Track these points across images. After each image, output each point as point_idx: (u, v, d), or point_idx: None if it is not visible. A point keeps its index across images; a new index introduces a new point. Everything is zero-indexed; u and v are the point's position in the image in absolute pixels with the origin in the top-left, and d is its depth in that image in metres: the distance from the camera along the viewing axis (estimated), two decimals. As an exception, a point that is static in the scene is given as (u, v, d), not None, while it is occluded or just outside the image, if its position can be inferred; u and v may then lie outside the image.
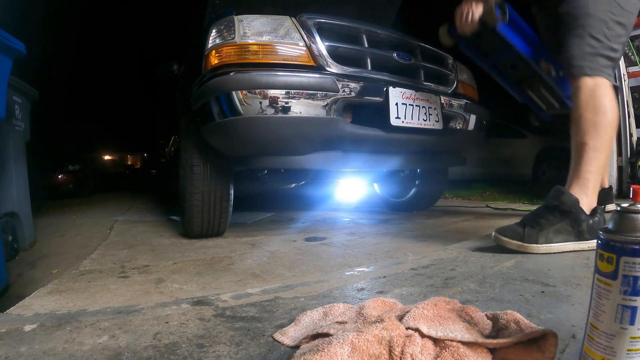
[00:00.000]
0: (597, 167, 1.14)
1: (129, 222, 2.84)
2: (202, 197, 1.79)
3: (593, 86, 1.18)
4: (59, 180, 8.22)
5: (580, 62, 1.20)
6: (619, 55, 1.25)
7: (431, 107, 1.84)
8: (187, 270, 1.35)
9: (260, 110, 1.50)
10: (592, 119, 1.15)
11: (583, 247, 1.09)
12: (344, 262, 1.41)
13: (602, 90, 1.17)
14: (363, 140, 1.70)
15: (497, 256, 1.10)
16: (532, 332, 0.49)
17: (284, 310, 0.74)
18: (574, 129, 1.20)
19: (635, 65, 2.84)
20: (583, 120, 1.17)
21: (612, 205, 1.74)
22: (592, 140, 1.14)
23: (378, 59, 1.78)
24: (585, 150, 1.15)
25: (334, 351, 0.47)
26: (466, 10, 1.40)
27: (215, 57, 1.58)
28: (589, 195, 1.13)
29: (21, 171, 1.91)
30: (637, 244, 0.40)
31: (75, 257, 1.66)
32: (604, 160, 1.16)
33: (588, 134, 1.15)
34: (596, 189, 1.16)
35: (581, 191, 1.14)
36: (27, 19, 5.34)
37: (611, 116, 1.16)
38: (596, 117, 1.15)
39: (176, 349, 0.58)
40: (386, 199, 3.14)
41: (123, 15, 22.13)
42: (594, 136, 1.14)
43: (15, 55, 1.45)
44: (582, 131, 1.16)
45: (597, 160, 1.14)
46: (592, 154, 1.14)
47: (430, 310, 0.58)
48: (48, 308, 0.98)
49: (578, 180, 1.15)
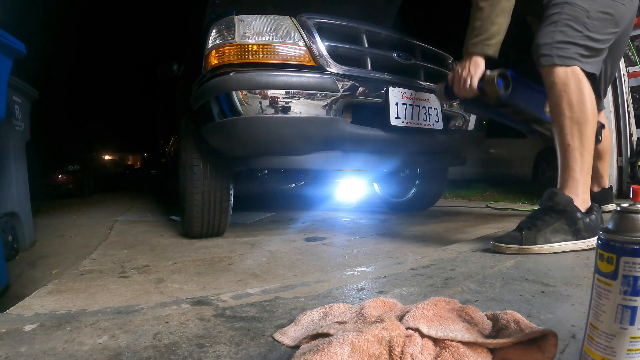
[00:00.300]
0: (583, 165, 1.13)
1: (129, 222, 2.84)
2: (202, 197, 1.79)
3: (565, 78, 1.15)
4: (59, 180, 8.22)
5: (549, 51, 1.17)
6: (603, 46, 1.21)
7: (431, 107, 1.84)
8: (187, 270, 1.35)
9: (260, 110, 1.50)
10: (570, 116, 1.13)
11: (583, 247, 1.08)
12: (344, 262, 1.41)
13: (576, 83, 1.14)
14: (363, 140, 1.70)
15: (497, 256, 1.10)
16: (532, 332, 0.49)
17: (284, 310, 0.74)
18: (554, 129, 1.19)
19: (635, 65, 2.84)
20: (562, 120, 1.15)
21: (612, 205, 1.74)
22: (574, 140, 1.13)
23: (378, 59, 1.78)
24: (569, 152, 1.14)
25: (334, 351, 0.47)
26: (464, 75, 1.32)
27: (215, 57, 1.58)
28: (579, 194, 1.13)
29: (21, 171, 1.91)
30: (637, 244, 0.40)
31: (75, 257, 1.66)
32: (589, 158, 1.15)
33: (569, 134, 1.14)
34: (587, 186, 1.15)
35: (572, 191, 1.13)
36: (27, 19, 5.34)
37: (590, 111, 1.13)
38: (575, 115, 1.13)
39: (176, 349, 0.58)
40: (386, 199, 3.14)
41: (123, 15, 22.15)
42: (575, 136, 1.13)
43: (15, 55, 1.45)
44: (563, 131, 1.15)
45: (582, 159, 1.13)
46: (576, 154, 1.13)
47: (430, 310, 0.58)
48: (48, 308, 0.98)
49: (567, 181, 1.15)
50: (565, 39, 1.16)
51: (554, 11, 1.20)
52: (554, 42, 1.17)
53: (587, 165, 1.14)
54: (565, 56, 1.16)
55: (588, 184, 1.16)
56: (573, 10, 1.16)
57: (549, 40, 1.18)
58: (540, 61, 1.20)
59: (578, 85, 1.14)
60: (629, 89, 2.85)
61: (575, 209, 1.10)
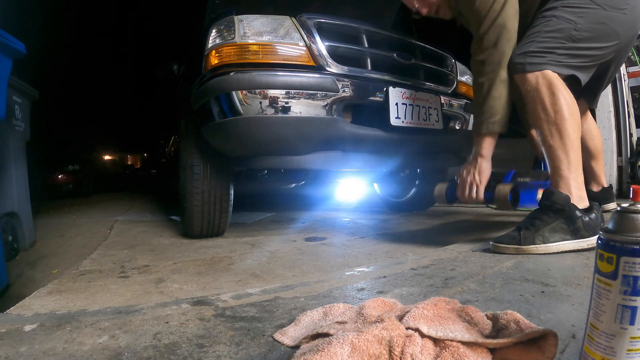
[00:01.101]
0: (570, 162, 1.14)
1: (129, 222, 2.84)
2: (202, 197, 1.79)
3: (536, 84, 1.15)
4: (59, 180, 8.21)
5: (522, 59, 1.18)
6: (599, 53, 1.21)
7: (431, 107, 1.84)
8: (187, 270, 1.35)
9: (260, 110, 1.50)
10: (546, 119, 1.14)
11: (582, 246, 1.08)
12: (344, 262, 1.41)
13: (547, 86, 1.14)
14: (363, 140, 1.70)
15: (497, 256, 1.10)
16: (532, 332, 0.49)
17: (284, 310, 0.74)
18: (538, 134, 1.19)
19: (635, 65, 2.84)
20: (541, 123, 1.16)
21: (613, 204, 1.74)
22: (555, 141, 1.14)
23: (378, 59, 1.78)
24: (553, 152, 1.15)
25: (334, 351, 0.47)
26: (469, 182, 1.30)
27: (215, 57, 1.58)
28: (572, 191, 1.13)
29: (21, 171, 1.91)
30: (637, 244, 0.40)
31: (75, 257, 1.66)
32: (576, 155, 1.15)
33: (550, 136, 1.15)
34: (580, 183, 1.15)
35: (565, 189, 1.13)
36: (27, 19, 5.34)
37: (566, 109, 1.13)
38: (551, 116, 1.14)
39: (176, 349, 0.58)
40: (386, 199, 3.14)
41: (123, 15, 22.15)
42: (556, 135, 1.14)
43: (15, 55, 1.45)
44: (544, 133, 1.16)
45: (568, 157, 1.14)
46: (560, 153, 1.14)
47: (430, 310, 0.58)
48: (48, 308, 0.98)
49: (558, 181, 1.15)
50: (540, 49, 1.17)
51: (537, 23, 1.21)
52: (528, 52, 1.18)
53: (574, 162, 1.14)
54: (537, 62, 1.16)
55: (580, 180, 1.16)
56: (559, 23, 1.17)
57: (523, 50, 1.19)
58: (513, 70, 1.21)
59: (549, 87, 1.15)
60: (629, 89, 2.85)
61: (573, 207, 1.09)
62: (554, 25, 1.17)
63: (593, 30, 1.18)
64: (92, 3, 17.95)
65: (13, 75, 1.51)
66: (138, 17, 20.34)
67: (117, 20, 22.53)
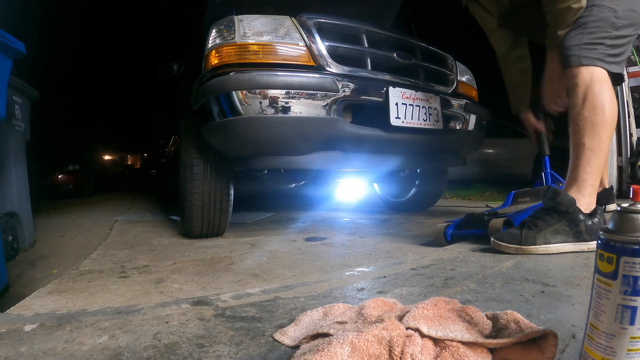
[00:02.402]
0: (595, 167, 1.13)
1: (129, 222, 2.84)
2: (202, 197, 1.79)
3: (590, 81, 1.15)
4: (59, 180, 8.21)
5: (577, 52, 1.17)
6: (627, 41, 1.21)
7: (431, 107, 1.84)
8: (187, 270, 1.35)
9: (260, 110, 1.50)
10: (589, 117, 1.13)
11: (582, 249, 1.08)
12: (344, 262, 1.41)
13: (599, 85, 1.14)
14: (363, 140, 1.70)
15: (497, 256, 1.10)
16: (532, 332, 0.49)
17: (284, 310, 0.74)
18: (571, 128, 1.18)
19: (635, 65, 2.84)
20: (581, 119, 1.15)
21: (613, 205, 1.74)
22: (589, 141, 1.13)
23: (378, 59, 1.78)
24: (583, 151, 1.14)
25: (334, 351, 0.47)
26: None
27: (215, 57, 1.58)
28: (586, 195, 1.12)
29: (21, 171, 1.91)
30: (637, 244, 0.40)
31: (75, 257, 1.66)
32: (602, 161, 1.15)
33: (586, 134, 1.13)
34: (595, 189, 1.14)
35: (578, 192, 1.13)
36: (27, 19, 5.34)
37: (610, 114, 1.13)
38: (594, 116, 1.13)
39: (176, 349, 0.58)
40: (386, 199, 3.14)
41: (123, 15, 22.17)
42: (592, 136, 1.13)
43: (15, 55, 1.45)
44: (580, 131, 1.15)
45: (595, 160, 1.13)
46: (589, 154, 1.13)
47: (430, 310, 0.58)
48: (48, 308, 0.98)
49: (575, 181, 1.14)
50: (592, 40, 1.17)
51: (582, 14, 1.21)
52: (582, 44, 1.17)
53: (598, 168, 1.14)
54: (592, 57, 1.16)
55: (596, 187, 1.15)
56: (601, 12, 1.17)
57: (577, 42, 1.18)
58: (567, 62, 1.20)
59: (601, 88, 1.14)
60: (629, 89, 2.86)
61: (578, 210, 1.09)
62: (597, 14, 1.17)
63: (628, 18, 1.19)
64: (92, 3, 17.96)
65: (13, 75, 1.51)
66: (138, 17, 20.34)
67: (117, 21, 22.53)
